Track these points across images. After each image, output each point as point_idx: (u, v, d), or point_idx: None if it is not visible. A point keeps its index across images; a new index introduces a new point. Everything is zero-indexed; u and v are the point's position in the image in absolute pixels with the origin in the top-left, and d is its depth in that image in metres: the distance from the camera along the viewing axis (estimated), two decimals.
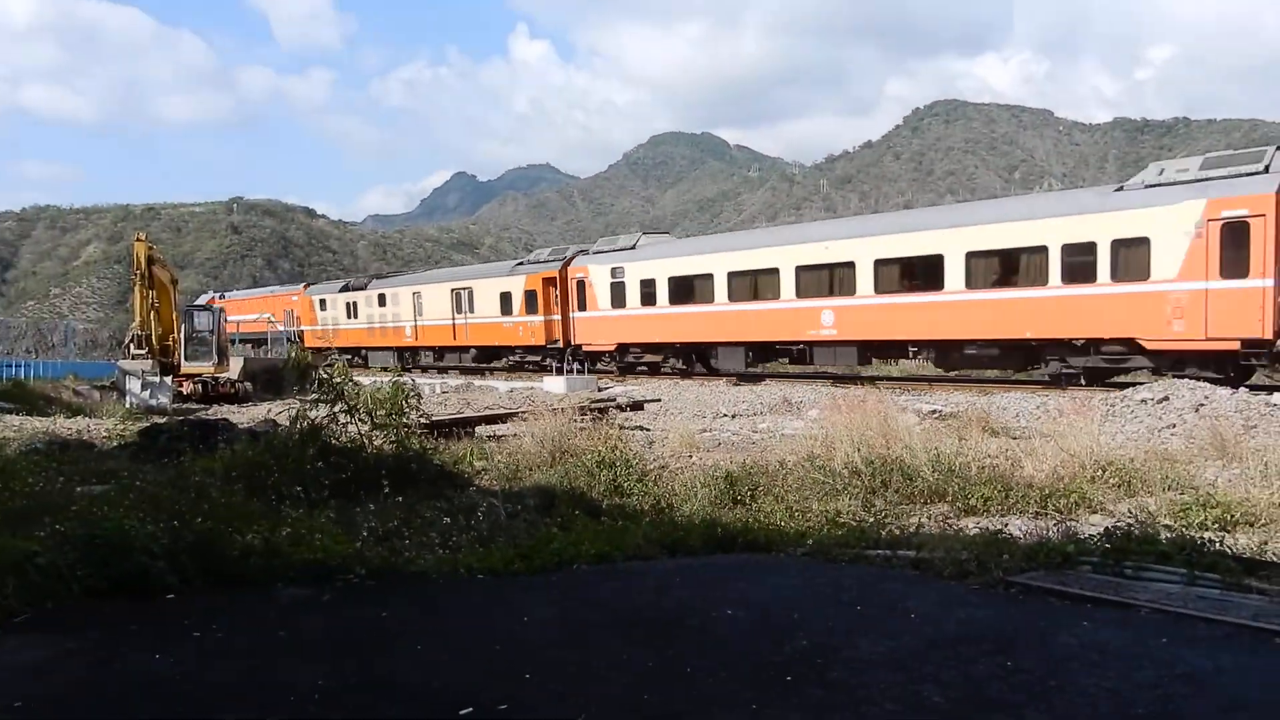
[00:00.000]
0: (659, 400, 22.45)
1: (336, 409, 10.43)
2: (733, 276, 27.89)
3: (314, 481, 8.98)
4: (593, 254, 33.79)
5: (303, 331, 46.42)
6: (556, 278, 34.43)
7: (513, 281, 36.29)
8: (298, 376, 30.33)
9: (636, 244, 32.68)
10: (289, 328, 44.20)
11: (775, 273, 26.59)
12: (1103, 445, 10.90)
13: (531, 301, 35.15)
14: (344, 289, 47.98)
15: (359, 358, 42.53)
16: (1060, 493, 9.42)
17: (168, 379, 27.36)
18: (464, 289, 38.81)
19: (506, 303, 36.39)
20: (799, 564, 6.73)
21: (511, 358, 37.21)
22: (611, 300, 31.87)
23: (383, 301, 43.73)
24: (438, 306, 40.04)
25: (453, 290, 39.37)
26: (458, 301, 38.89)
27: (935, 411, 17.13)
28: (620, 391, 25.32)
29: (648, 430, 17.22)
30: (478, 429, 16.87)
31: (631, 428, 17.10)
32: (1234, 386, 17.21)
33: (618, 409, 20.07)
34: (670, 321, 29.92)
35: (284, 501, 8.39)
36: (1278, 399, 15.28)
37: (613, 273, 31.88)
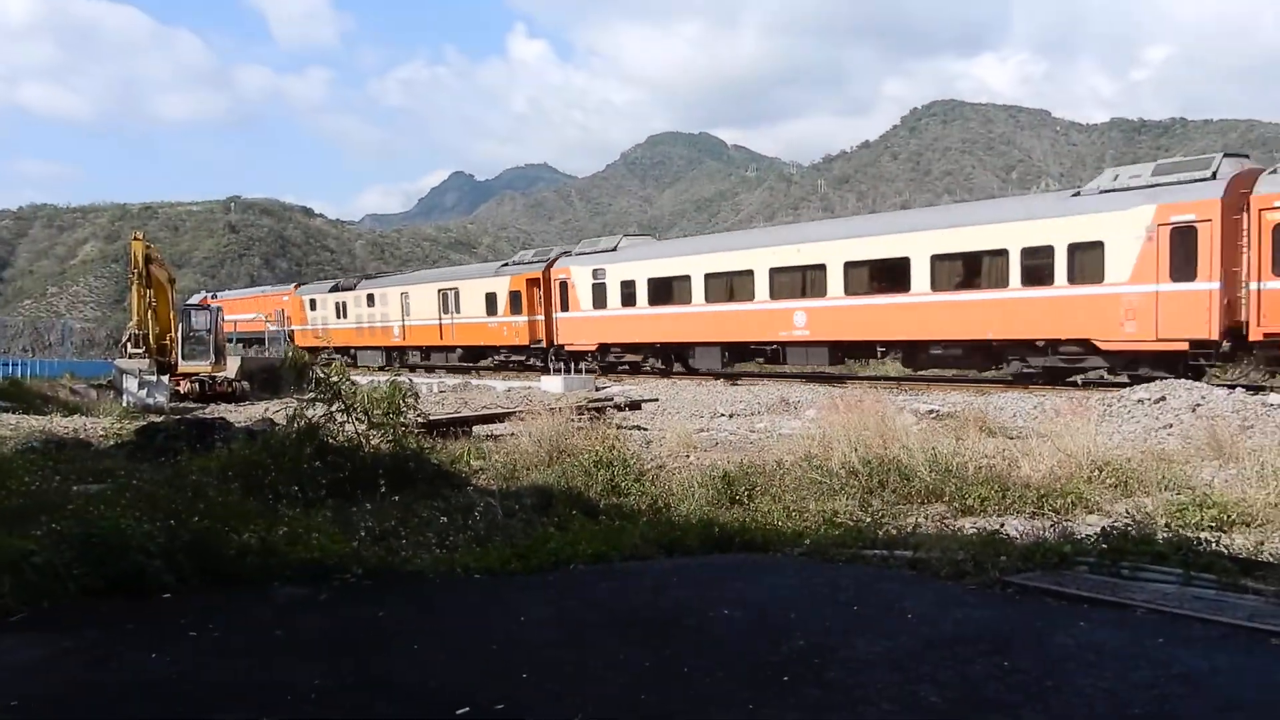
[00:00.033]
0: (656, 400, 22.46)
1: (334, 408, 10.43)
2: (709, 278, 28.23)
3: (311, 481, 8.98)
4: (575, 255, 34.12)
5: (293, 331, 46.90)
6: (540, 279, 34.78)
7: (498, 282, 36.62)
8: (295, 376, 30.32)
9: (618, 246, 32.95)
10: (280, 327, 44.57)
11: (750, 274, 26.93)
12: (1099, 445, 10.93)
13: (516, 302, 35.49)
14: (334, 289, 48.35)
15: (348, 357, 42.64)
16: (1057, 493, 9.44)
17: (165, 378, 27.33)
18: (450, 290, 39.13)
19: (492, 303, 36.75)
20: (796, 564, 6.73)
21: (496, 357, 37.54)
22: (593, 301, 32.23)
23: (371, 302, 44.09)
24: (425, 307, 40.38)
25: (439, 291, 39.70)
26: (444, 302, 39.23)
27: (933, 411, 17.15)
28: (618, 391, 25.33)
29: (645, 430, 17.23)
30: (475, 428, 16.89)
31: (629, 427, 17.11)
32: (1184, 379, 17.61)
33: (615, 409, 20.09)
34: (649, 322, 30.25)
35: (281, 501, 8.39)
36: (1274, 399, 15.32)
37: (594, 274, 32.23)
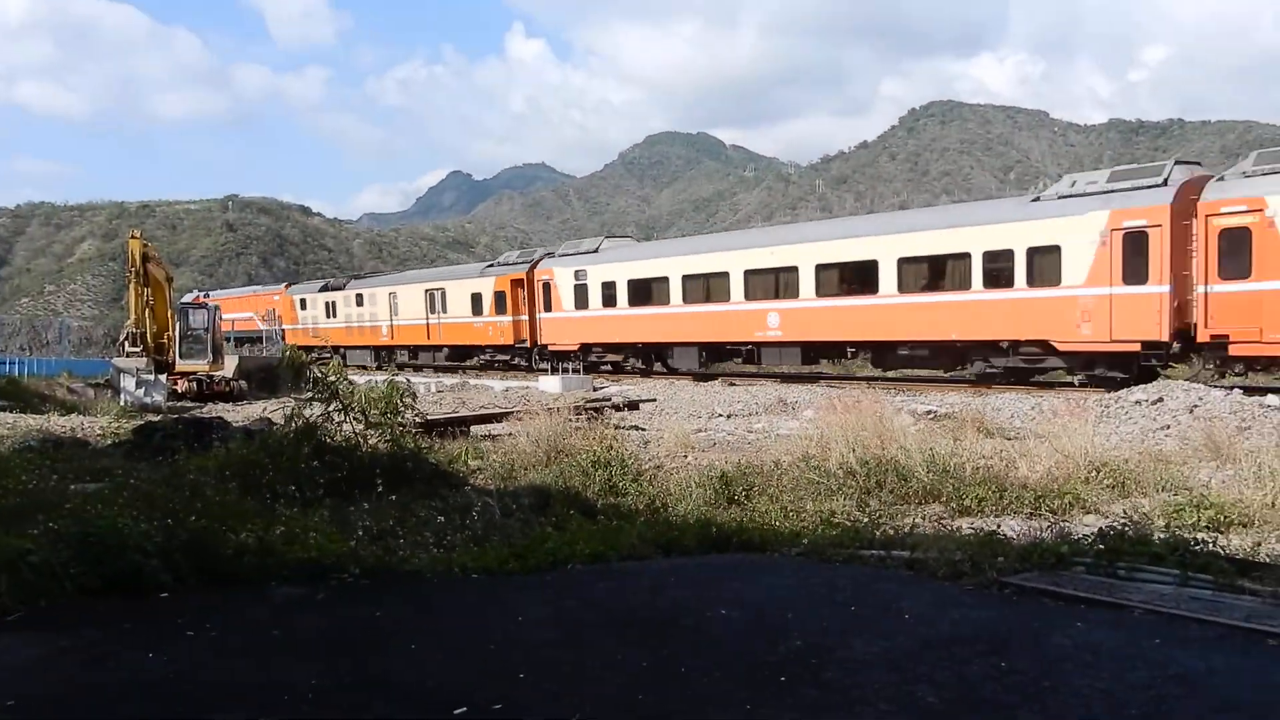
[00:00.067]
0: (654, 400, 22.47)
1: (331, 408, 10.42)
2: (686, 280, 28.78)
3: (308, 480, 8.97)
4: (558, 257, 34.73)
5: (284, 330, 47.47)
6: (524, 279, 35.42)
7: (483, 283, 37.22)
8: (293, 375, 30.34)
9: (599, 247, 33.47)
10: (271, 326, 45.04)
11: (725, 276, 27.48)
12: (1097, 446, 10.93)
13: (501, 302, 36.05)
14: (324, 289, 48.97)
15: (337, 356, 43.03)
16: (1054, 493, 9.45)
17: (162, 377, 27.31)
18: (438, 290, 39.78)
19: (477, 303, 37.31)
20: (793, 564, 6.73)
21: (482, 356, 38.15)
22: (575, 302, 32.74)
23: (360, 301, 44.68)
24: (413, 307, 40.95)
25: (427, 291, 40.29)
26: (431, 302, 39.81)
27: (930, 412, 17.16)
28: (615, 391, 25.34)
29: (643, 430, 17.23)
30: (473, 428, 16.88)
31: (627, 427, 17.11)
32: (1134, 384, 18.32)
33: (613, 409, 20.09)
34: (629, 322, 30.80)
35: (278, 500, 8.39)
36: (1272, 400, 15.35)
37: (576, 275, 32.76)
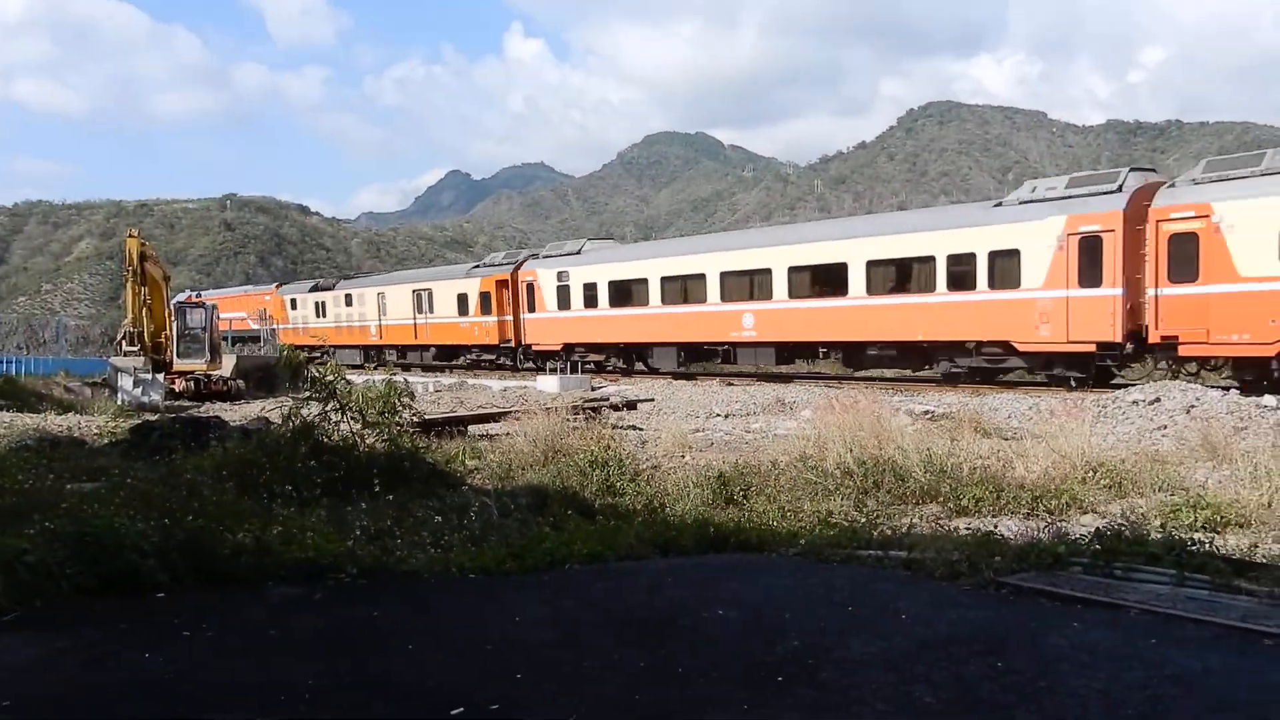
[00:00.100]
0: (652, 400, 22.48)
1: (329, 408, 10.41)
2: (665, 281, 29.45)
3: (306, 480, 8.96)
4: (542, 259, 35.38)
5: (274, 329, 47.72)
6: (509, 280, 35.96)
7: (469, 284, 37.73)
8: (290, 374, 30.32)
9: (582, 249, 34.12)
10: (262, 326, 45.31)
11: (702, 278, 28.18)
12: (1094, 446, 10.93)
13: (486, 303, 36.61)
14: (314, 289, 49.58)
15: (327, 355, 43.56)
16: (1051, 494, 9.45)
17: (160, 376, 27.26)
18: (425, 290, 40.34)
19: (463, 304, 37.85)
20: (791, 564, 6.73)
21: (468, 356, 38.68)
22: (558, 302, 33.37)
23: (349, 301, 45.24)
24: (400, 307, 41.56)
25: (414, 291, 40.88)
26: (419, 302, 40.39)
27: (928, 412, 17.17)
28: (613, 391, 25.34)
29: (640, 430, 17.23)
30: (470, 428, 16.87)
31: (624, 427, 17.11)
32: (1094, 385, 19.97)
33: (611, 408, 20.09)
34: (610, 323, 31.41)
35: (275, 500, 8.38)
36: (1268, 401, 15.37)
37: (559, 276, 33.41)
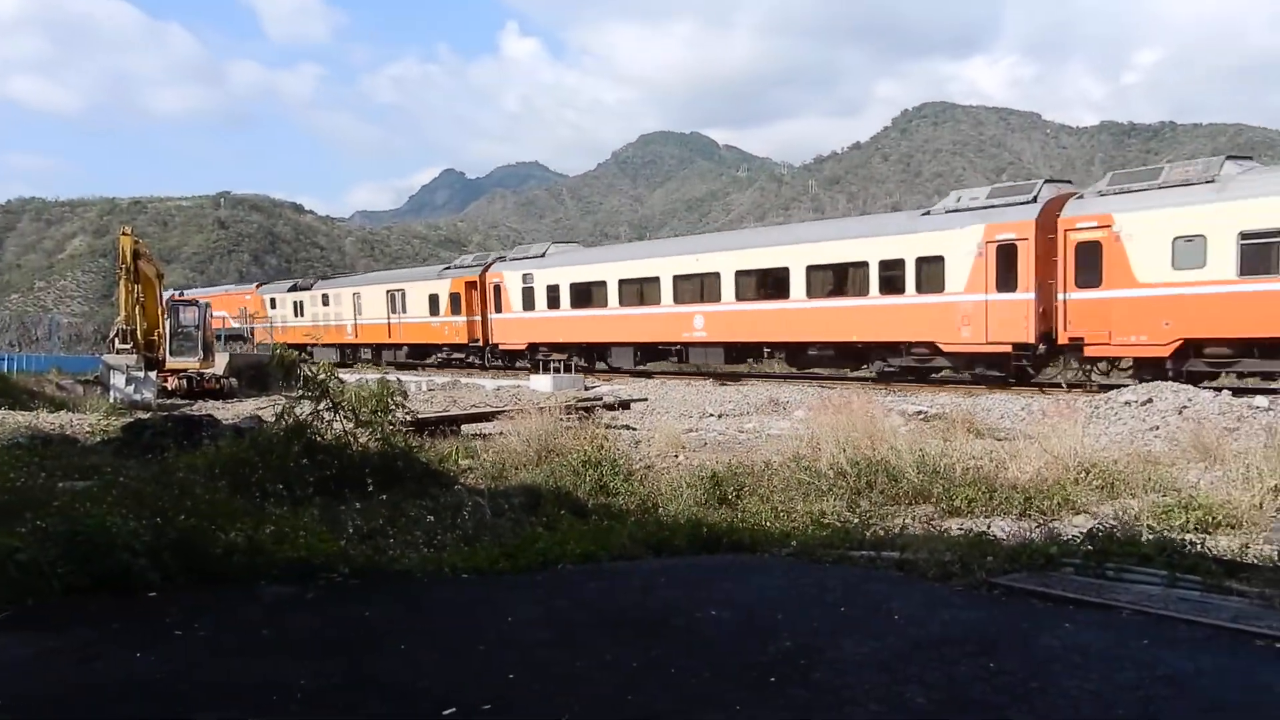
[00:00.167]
0: (645, 399, 22.50)
1: (321, 406, 10.39)
2: (623, 284, 30.68)
3: (298, 479, 8.95)
4: (509, 261, 36.72)
5: (254, 329, 48.01)
6: (478, 282, 36.84)
7: (440, 285, 38.74)
8: (283, 373, 30.26)
9: (546, 253, 35.45)
10: (243, 325, 45.49)
11: (657, 281, 29.42)
12: (1086, 447, 10.97)
13: (456, 303, 37.66)
14: (292, 289, 50.47)
15: (305, 353, 43.53)
16: (1044, 494, 9.49)
17: (152, 374, 27.20)
18: (398, 291, 41.44)
19: (434, 304, 38.87)
20: (784, 564, 6.73)
21: (439, 355, 39.65)
22: (523, 303, 34.59)
23: (326, 301, 46.25)
24: (375, 307, 42.53)
25: (388, 292, 41.94)
26: (392, 302, 41.39)
27: (921, 413, 17.21)
28: (606, 390, 25.34)
29: (634, 430, 17.24)
30: (464, 427, 16.86)
31: (618, 427, 17.12)
32: (1014, 383, 21.36)
33: (604, 408, 20.09)
34: (572, 323, 32.63)
35: (268, 499, 8.36)
36: (1260, 402, 15.43)
37: (524, 278, 34.66)
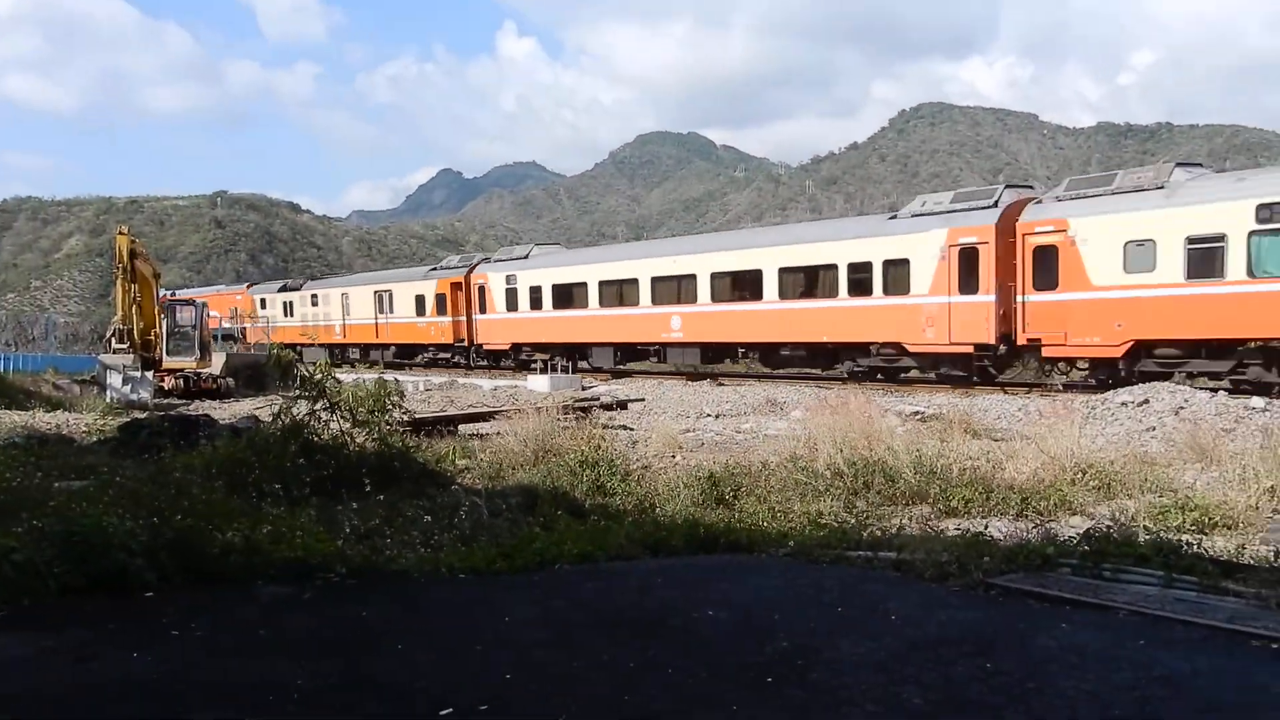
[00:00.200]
0: (642, 400, 22.50)
1: (318, 406, 10.37)
2: (603, 285, 31.44)
3: (295, 479, 8.92)
4: (493, 262, 37.53)
5: (245, 329, 48.30)
6: (462, 283, 37.57)
7: (426, 285, 39.55)
8: (280, 373, 30.20)
9: (529, 254, 36.38)
10: (233, 325, 45.71)
11: (635, 283, 30.20)
12: (1083, 448, 10.97)
13: (441, 304, 38.40)
14: (281, 289, 51.15)
15: (295, 353, 43.72)
16: (1041, 495, 9.49)
17: (149, 374, 27.17)
18: (385, 291, 42.02)
19: (420, 305, 39.63)
20: (781, 565, 6.74)
21: (425, 355, 40.34)
22: (506, 304, 35.32)
23: (315, 302, 46.94)
24: (363, 307, 43.15)
25: (375, 292, 42.55)
26: (379, 303, 42.01)
27: (918, 413, 17.22)
28: (604, 390, 25.35)
29: (631, 430, 17.23)
30: (461, 427, 16.85)
31: (615, 427, 17.11)
32: (978, 382, 21.98)
33: (601, 408, 20.09)
34: (554, 324, 33.34)
35: (265, 499, 8.34)
36: (1256, 403, 15.45)
37: (508, 280, 35.41)
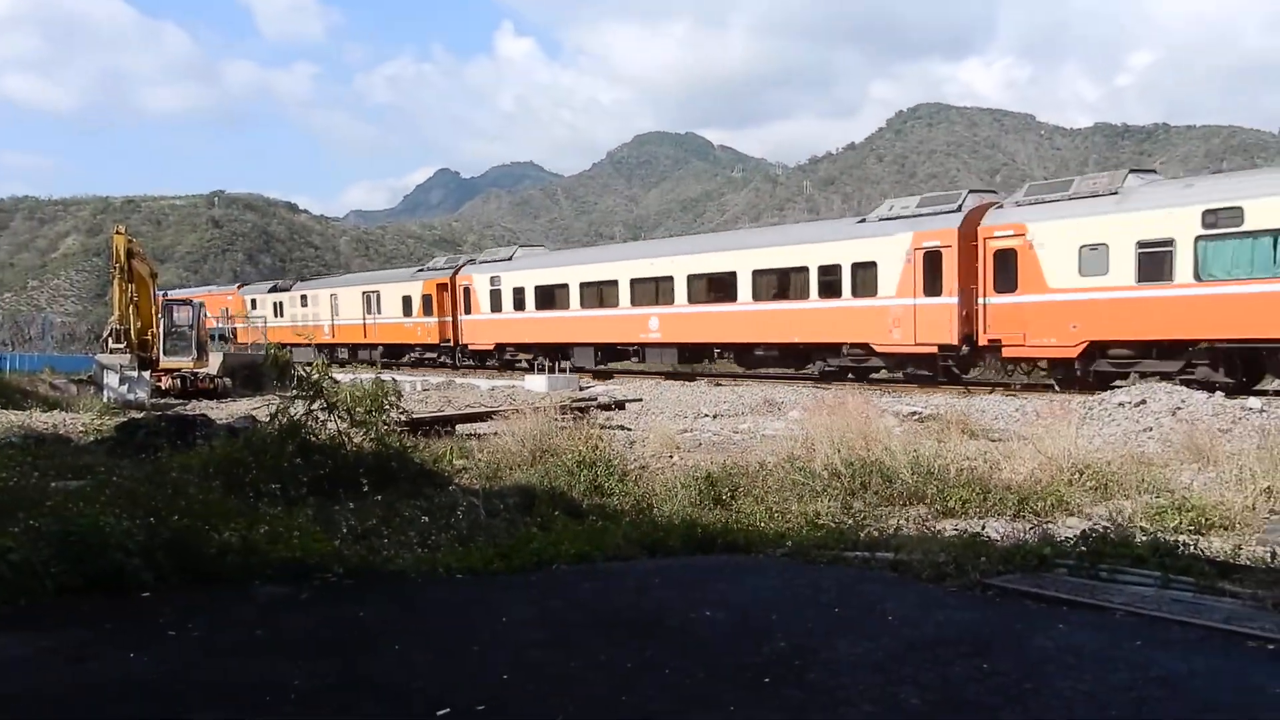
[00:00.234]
0: (640, 400, 22.50)
1: (315, 406, 10.37)
2: (584, 287, 32.03)
3: (292, 479, 8.92)
4: (478, 264, 38.08)
5: (236, 329, 48.19)
6: (448, 284, 38.07)
7: (412, 286, 40.08)
8: (277, 373, 30.19)
9: (513, 256, 37.17)
10: (224, 325, 45.83)
11: (615, 284, 30.74)
12: (1080, 448, 10.99)
13: (428, 305, 39.05)
14: (272, 290, 51.66)
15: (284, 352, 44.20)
16: (1038, 495, 9.50)
17: (146, 374, 27.12)
18: (373, 292, 42.53)
19: (407, 305, 40.24)
20: (778, 565, 6.74)
21: (412, 355, 40.90)
22: (491, 305, 35.91)
23: (305, 302, 47.40)
24: (351, 308, 43.71)
25: (364, 293, 43.07)
26: (368, 303, 42.52)
27: (915, 413, 17.23)
28: (601, 390, 25.35)
29: (629, 430, 17.23)
30: (458, 427, 16.85)
31: (612, 427, 17.12)
32: (943, 381, 22.59)
33: (599, 408, 20.09)
34: (537, 324, 33.97)
35: (262, 499, 8.34)
36: (1253, 403, 15.48)
37: (492, 281, 35.99)
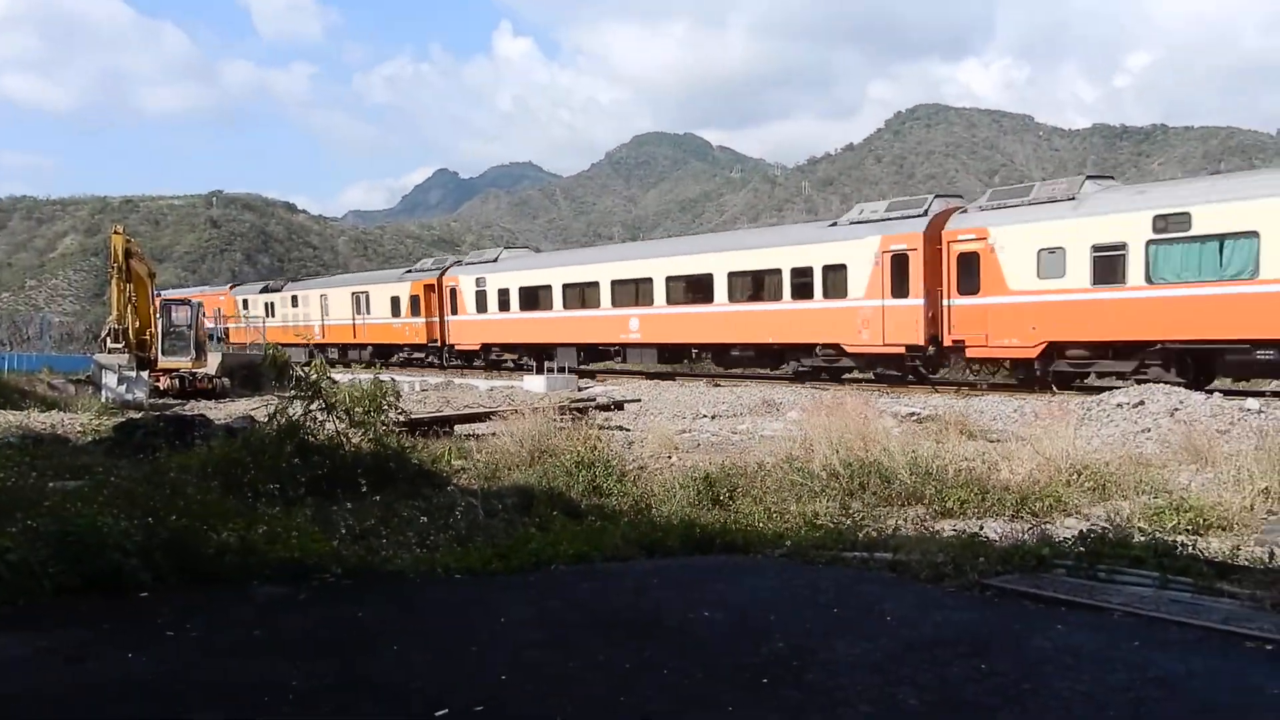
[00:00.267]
0: (639, 400, 22.50)
1: (314, 406, 10.36)
2: (566, 288, 32.41)
3: (291, 479, 8.93)
4: (464, 265, 38.47)
5: (228, 329, 48.31)
6: (435, 284, 38.44)
7: (401, 287, 40.46)
8: (276, 373, 30.18)
9: (499, 258, 37.61)
10: (216, 325, 45.90)
11: (596, 285, 31.21)
12: (1078, 449, 11.00)
13: (415, 305, 39.39)
14: (263, 290, 51.94)
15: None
16: (1036, 496, 9.50)
17: (144, 374, 27.10)
18: (362, 293, 43.12)
19: (396, 306, 40.63)
20: (777, 565, 6.74)
21: (400, 355, 41.21)
22: (476, 306, 36.26)
23: (295, 303, 47.69)
24: (341, 308, 44.04)
25: (353, 294, 43.44)
26: (357, 304, 42.91)
27: (914, 414, 17.23)
28: (600, 391, 25.35)
29: (627, 430, 17.23)
30: (457, 427, 16.85)
31: (611, 428, 17.12)
32: (912, 381, 23.21)
33: (598, 409, 20.09)
34: (521, 325, 34.41)
35: (260, 499, 8.34)
36: (1251, 404, 15.49)
37: (478, 282, 36.31)
